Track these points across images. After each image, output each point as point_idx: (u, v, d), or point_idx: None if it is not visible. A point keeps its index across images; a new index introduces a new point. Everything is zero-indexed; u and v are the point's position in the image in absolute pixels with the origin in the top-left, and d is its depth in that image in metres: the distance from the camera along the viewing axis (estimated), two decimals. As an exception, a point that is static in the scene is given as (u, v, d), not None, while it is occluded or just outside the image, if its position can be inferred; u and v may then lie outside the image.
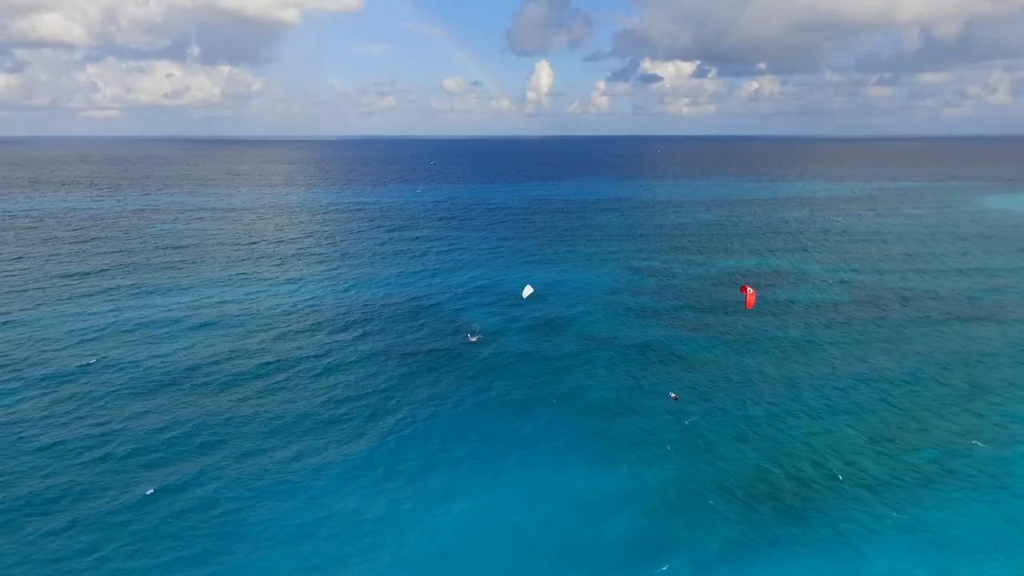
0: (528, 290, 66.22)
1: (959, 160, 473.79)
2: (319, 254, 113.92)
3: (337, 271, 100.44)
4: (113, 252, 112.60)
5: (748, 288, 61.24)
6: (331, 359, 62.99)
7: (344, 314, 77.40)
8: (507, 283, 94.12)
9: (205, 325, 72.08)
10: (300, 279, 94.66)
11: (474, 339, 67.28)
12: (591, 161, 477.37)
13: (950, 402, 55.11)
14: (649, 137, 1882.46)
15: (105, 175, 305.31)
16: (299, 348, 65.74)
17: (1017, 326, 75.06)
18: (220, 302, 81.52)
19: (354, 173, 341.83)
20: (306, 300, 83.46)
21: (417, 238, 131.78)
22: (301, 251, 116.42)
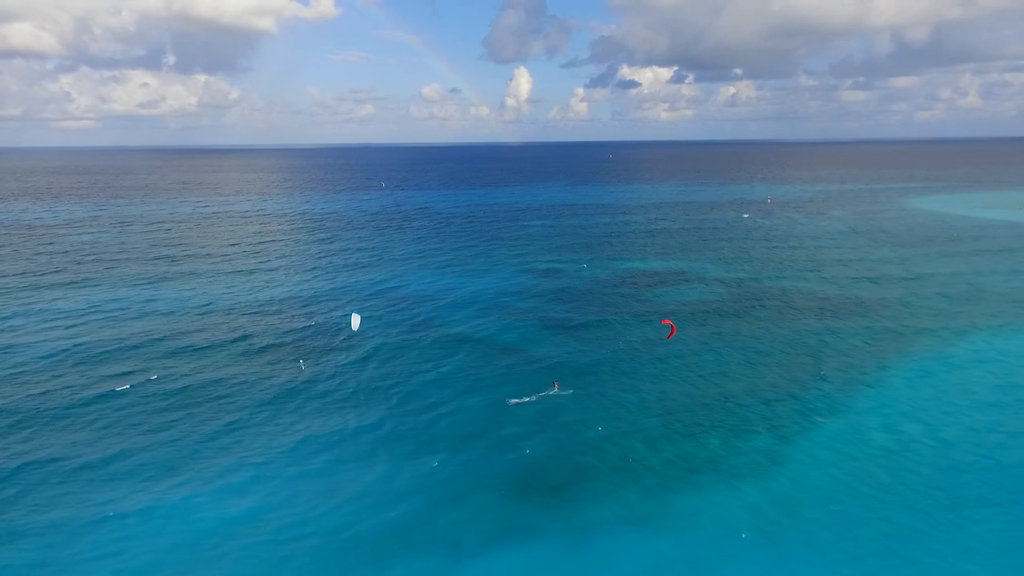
0: (355, 321, 62.72)
1: (916, 162, 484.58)
2: (233, 265, 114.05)
3: (242, 283, 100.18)
4: (18, 264, 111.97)
5: (672, 325, 64.38)
6: (182, 380, 61.67)
7: (218, 331, 75.96)
8: (409, 290, 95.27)
9: (63, 351, 68.71)
10: (201, 292, 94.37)
11: (305, 369, 62.65)
12: (551, 168, 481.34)
13: (770, 393, 56.96)
14: (627, 143, 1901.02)
15: (56, 186, 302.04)
16: (157, 367, 65.60)
17: (883, 322, 77.40)
18: (91, 321, 79.58)
19: (313, 181, 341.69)
20: (196, 313, 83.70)
21: (345, 248, 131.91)
22: (215, 263, 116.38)
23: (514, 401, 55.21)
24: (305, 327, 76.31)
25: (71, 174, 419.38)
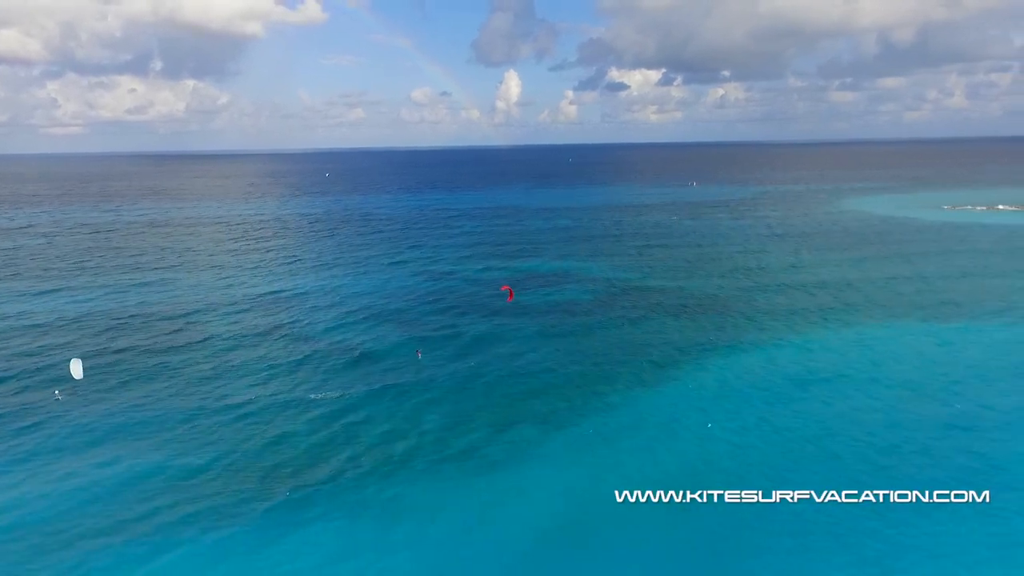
0: (76, 369, 56.69)
1: (894, 163, 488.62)
2: (137, 275, 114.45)
3: (134, 293, 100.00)
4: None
5: (510, 290, 74.18)
6: None
7: (77, 344, 75.65)
8: (295, 296, 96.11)
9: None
10: (84, 303, 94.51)
11: (59, 396, 57.93)
12: (523, 171, 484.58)
13: (591, 392, 58.28)
14: (616, 145, 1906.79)
15: (17, 193, 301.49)
16: None
17: (743, 322, 78.66)
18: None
19: (279, 186, 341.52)
20: (63, 324, 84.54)
21: (264, 257, 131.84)
22: (124, 272, 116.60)
23: (315, 396, 57.09)
24: (169, 339, 77.02)
25: (39, 180, 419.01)
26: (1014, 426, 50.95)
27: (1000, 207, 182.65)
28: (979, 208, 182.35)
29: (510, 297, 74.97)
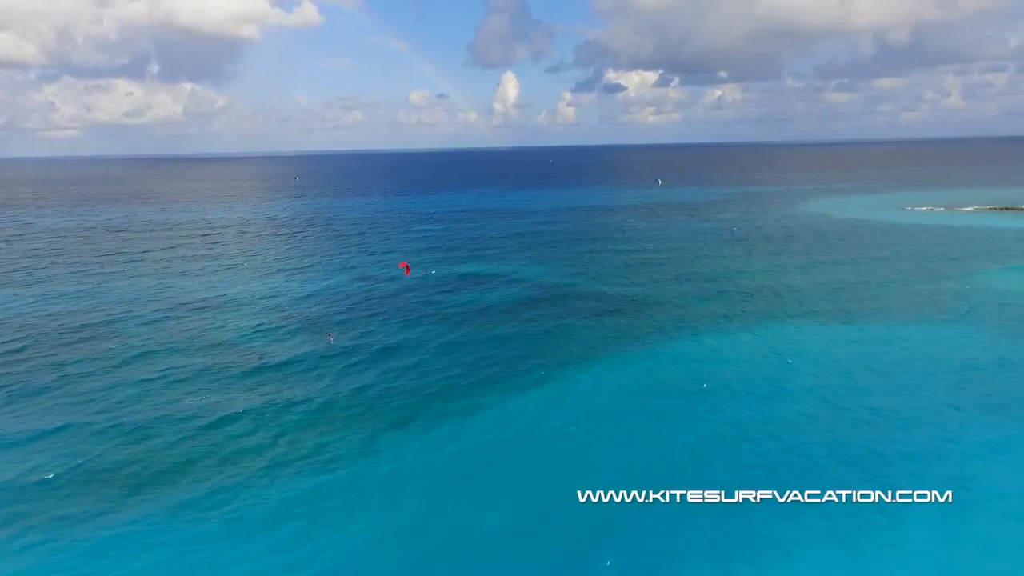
0: None
1: (877, 163, 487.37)
2: (75, 275, 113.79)
3: (57, 292, 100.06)
4: None
5: (406, 266, 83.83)
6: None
7: None
8: (226, 299, 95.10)
9: None
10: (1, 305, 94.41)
11: None
12: (508, 172, 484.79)
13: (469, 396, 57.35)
14: (616, 146, 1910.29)
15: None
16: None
17: (653, 321, 77.65)
18: None
19: (261, 189, 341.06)
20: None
21: (211, 263, 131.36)
22: (74, 274, 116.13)
23: (198, 404, 56.61)
24: (76, 349, 76.00)
25: (28, 184, 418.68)
26: (933, 424, 51.03)
27: (969, 208, 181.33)
28: (938, 209, 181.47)
29: (407, 272, 78.62)
